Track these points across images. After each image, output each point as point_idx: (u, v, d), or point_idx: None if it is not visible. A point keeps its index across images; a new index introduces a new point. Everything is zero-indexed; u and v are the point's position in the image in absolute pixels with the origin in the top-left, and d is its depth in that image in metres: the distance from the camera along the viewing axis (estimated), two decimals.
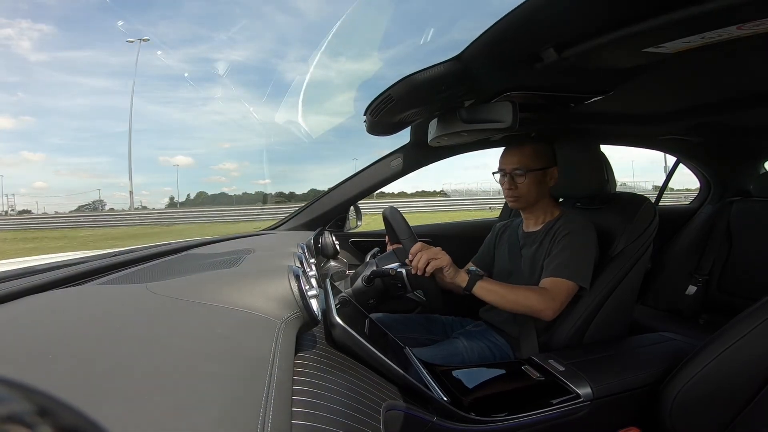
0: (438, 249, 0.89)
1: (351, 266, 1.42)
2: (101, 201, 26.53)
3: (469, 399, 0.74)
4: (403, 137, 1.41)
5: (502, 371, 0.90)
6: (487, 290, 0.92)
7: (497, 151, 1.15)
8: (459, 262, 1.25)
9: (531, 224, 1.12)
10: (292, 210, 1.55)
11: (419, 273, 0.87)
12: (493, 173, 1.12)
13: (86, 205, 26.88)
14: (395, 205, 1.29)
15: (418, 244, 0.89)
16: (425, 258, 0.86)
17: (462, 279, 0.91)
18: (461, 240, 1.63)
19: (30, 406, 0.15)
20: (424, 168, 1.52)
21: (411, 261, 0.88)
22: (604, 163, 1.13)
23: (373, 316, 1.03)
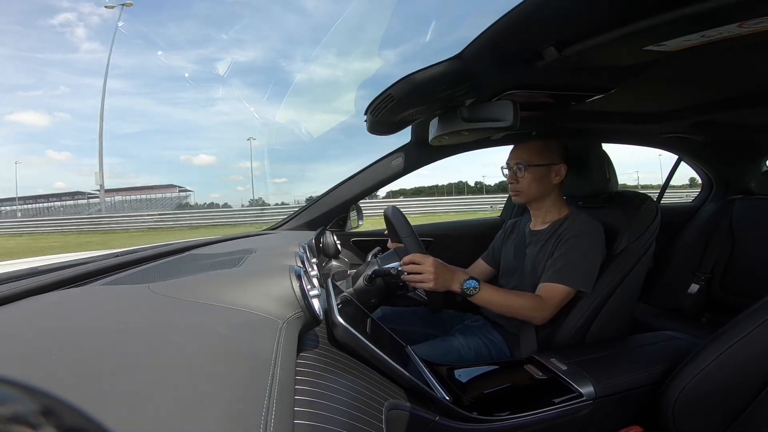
0: (429, 267, 0.89)
1: (352, 266, 1.42)
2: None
3: (471, 398, 0.74)
4: (404, 136, 1.41)
5: (505, 370, 0.90)
6: (479, 299, 0.93)
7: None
8: (462, 262, 1.26)
9: (538, 222, 1.11)
10: None
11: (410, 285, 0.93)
12: (502, 168, 1.14)
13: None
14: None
15: (409, 257, 0.91)
16: (412, 278, 0.91)
17: (455, 288, 0.92)
18: (464, 239, 1.63)
19: (34, 407, 0.15)
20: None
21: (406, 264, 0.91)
22: (605, 162, 1.12)
23: None
